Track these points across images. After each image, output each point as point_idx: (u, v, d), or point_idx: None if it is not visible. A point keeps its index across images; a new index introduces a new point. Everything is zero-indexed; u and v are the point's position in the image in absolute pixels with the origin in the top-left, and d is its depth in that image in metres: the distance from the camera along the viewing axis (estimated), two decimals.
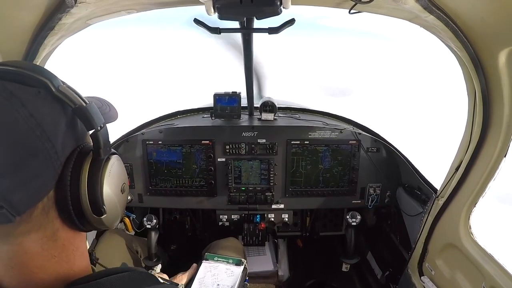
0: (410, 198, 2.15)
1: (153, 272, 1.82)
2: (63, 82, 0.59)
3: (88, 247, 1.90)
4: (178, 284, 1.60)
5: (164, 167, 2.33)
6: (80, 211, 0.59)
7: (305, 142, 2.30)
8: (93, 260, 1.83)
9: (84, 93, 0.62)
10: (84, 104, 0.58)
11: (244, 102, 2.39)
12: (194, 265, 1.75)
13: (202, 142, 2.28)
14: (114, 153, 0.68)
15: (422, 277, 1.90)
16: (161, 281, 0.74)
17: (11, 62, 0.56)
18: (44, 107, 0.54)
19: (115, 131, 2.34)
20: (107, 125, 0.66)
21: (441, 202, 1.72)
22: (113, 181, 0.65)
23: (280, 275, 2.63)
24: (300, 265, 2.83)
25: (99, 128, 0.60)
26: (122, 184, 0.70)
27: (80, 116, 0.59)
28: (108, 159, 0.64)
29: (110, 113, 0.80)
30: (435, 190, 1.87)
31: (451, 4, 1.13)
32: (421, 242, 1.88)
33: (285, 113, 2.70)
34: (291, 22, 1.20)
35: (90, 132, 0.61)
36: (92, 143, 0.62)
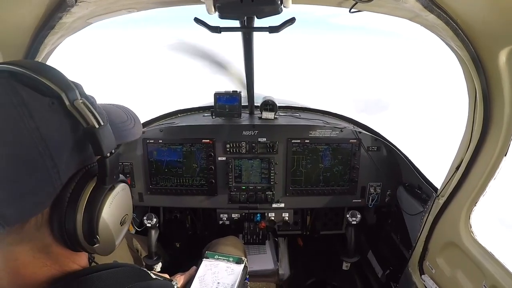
0: (410, 197, 2.14)
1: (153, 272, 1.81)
2: (82, 95, 0.53)
3: None
4: (172, 280, 1.60)
5: (164, 166, 2.33)
6: (72, 235, 0.55)
7: (306, 141, 2.30)
8: (89, 259, 1.81)
9: (105, 98, 0.58)
10: (97, 126, 0.53)
11: (244, 101, 2.39)
12: (194, 267, 1.74)
13: (203, 141, 2.28)
14: (121, 181, 0.62)
15: (422, 276, 1.90)
16: (154, 276, 0.73)
17: (30, 64, 0.51)
18: (53, 121, 0.50)
19: None
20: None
21: (441, 201, 1.72)
22: (113, 212, 0.60)
23: (280, 273, 2.63)
24: (300, 264, 2.83)
25: (108, 154, 0.55)
26: (123, 216, 0.65)
27: (89, 138, 0.53)
28: (112, 188, 0.59)
29: (132, 130, 0.72)
30: (435, 189, 1.87)
31: (451, 3, 1.13)
32: (422, 241, 1.88)
33: (285, 112, 2.70)
34: (291, 21, 1.19)
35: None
36: None
